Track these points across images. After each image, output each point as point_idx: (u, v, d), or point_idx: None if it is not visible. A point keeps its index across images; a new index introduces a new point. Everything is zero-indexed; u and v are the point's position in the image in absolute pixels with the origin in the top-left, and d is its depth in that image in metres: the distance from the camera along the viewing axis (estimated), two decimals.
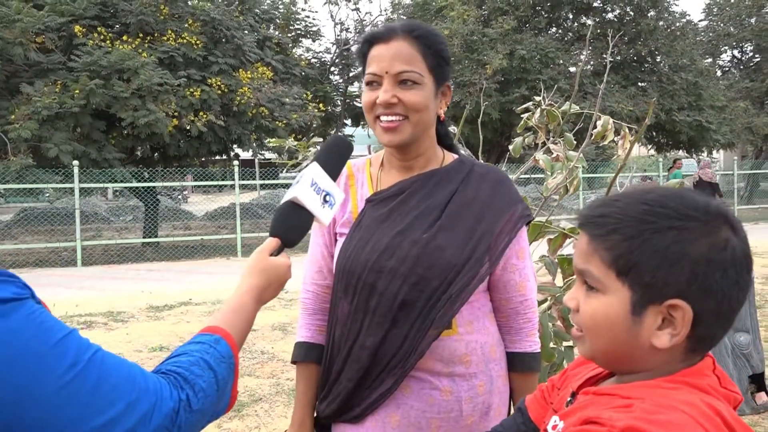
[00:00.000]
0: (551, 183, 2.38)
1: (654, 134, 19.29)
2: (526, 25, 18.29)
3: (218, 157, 16.70)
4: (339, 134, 1.37)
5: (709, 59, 24.65)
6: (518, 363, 1.43)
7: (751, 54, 25.55)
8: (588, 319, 0.82)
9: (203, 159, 15.88)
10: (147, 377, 0.80)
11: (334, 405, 1.39)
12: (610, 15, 19.08)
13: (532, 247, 1.87)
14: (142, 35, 12.54)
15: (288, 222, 1.11)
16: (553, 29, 19.67)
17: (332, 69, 20.38)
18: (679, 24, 19.57)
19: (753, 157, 24.31)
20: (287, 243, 1.11)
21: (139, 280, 9.93)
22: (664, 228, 0.76)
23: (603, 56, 17.50)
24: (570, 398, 0.91)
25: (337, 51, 20.20)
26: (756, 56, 25.14)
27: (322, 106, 16.23)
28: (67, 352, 0.73)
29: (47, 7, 11.93)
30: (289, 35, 17.51)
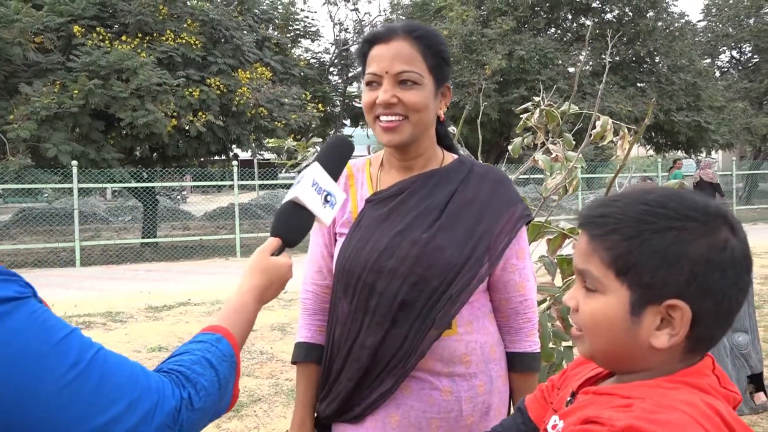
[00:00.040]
0: (550, 183, 2.38)
1: (653, 135, 19.30)
2: (525, 26, 18.30)
3: (217, 158, 16.69)
4: (340, 134, 1.37)
5: (708, 60, 24.66)
6: (518, 363, 1.43)
7: (750, 54, 25.57)
8: (587, 319, 0.82)
9: (202, 159, 15.86)
10: (149, 376, 0.80)
11: (334, 405, 1.39)
12: (609, 15, 19.09)
13: (532, 248, 1.88)
14: (141, 35, 12.53)
15: (289, 222, 1.11)
16: (552, 30, 19.68)
17: (331, 69, 20.38)
18: (678, 24, 19.59)
19: (751, 158, 24.32)
20: (288, 243, 1.11)
21: (138, 281, 9.92)
22: (664, 228, 0.76)
23: (602, 57, 17.51)
24: (570, 398, 0.91)
25: (336, 51, 20.20)
26: (754, 57, 25.16)
27: (321, 107, 16.23)
28: (69, 351, 0.73)
29: (46, 7, 11.92)
30: (288, 35, 17.50)
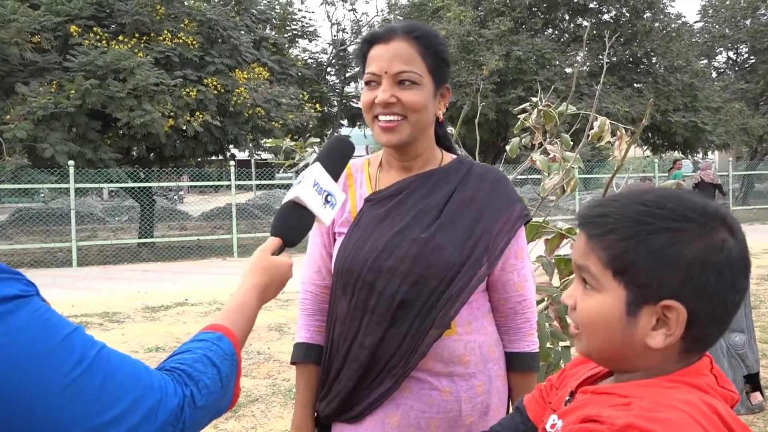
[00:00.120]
0: (548, 183, 2.38)
1: (650, 135, 19.32)
2: (523, 26, 18.31)
3: (214, 158, 16.68)
4: (341, 135, 1.37)
5: (705, 60, 24.69)
6: (517, 363, 1.43)
7: (746, 55, 25.62)
8: (584, 317, 0.83)
9: (199, 159, 15.84)
10: (151, 374, 0.80)
11: (334, 404, 1.39)
12: (606, 16, 19.11)
13: (529, 248, 1.88)
14: (138, 35, 12.51)
15: (289, 222, 1.11)
16: (550, 30, 19.70)
17: (329, 69, 20.36)
18: (675, 25, 19.62)
19: (748, 158, 24.37)
20: (288, 243, 1.11)
21: (135, 281, 9.90)
22: (660, 229, 0.76)
23: (599, 57, 17.53)
24: (568, 397, 0.91)
25: (334, 51, 20.19)
26: (751, 58, 25.21)
27: (319, 107, 16.22)
28: (73, 349, 0.73)
29: (43, 7, 11.90)
30: (286, 35, 17.49)
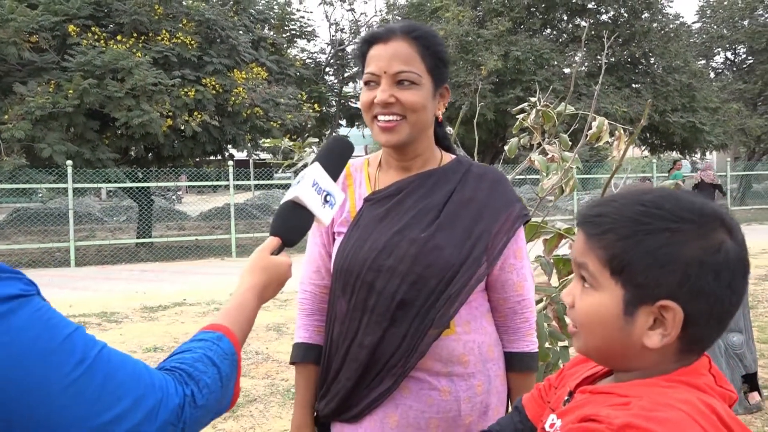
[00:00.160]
0: (547, 184, 2.39)
1: (648, 135, 19.34)
2: (521, 27, 18.33)
3: (213, 158, 16.67)
4: (340, 135, 1.37)
5: (703, 61, 24.74)
6: (516, 363, 1.43)
7: (744, 56, 25.67)
8: (582, 316, 0.83)
9: (197, 159, 15.84)
10: (152, 373, 0.80)
11: (333, 404, 1.39)
12: (605, 17, 19.12)
13: (528, 248, 1.88)
14: (137, 35, 12.50)
15: (289, 221, 1.12)
16: (548, 30, 19.72)
17: (327, 69, 20.36)
18: (673, 26, 19.65)
19: (746, 159, 24.42)
20: (287, 242, 1.11)
21: (133, 281, 9.89)
22: (658, 229, 0.76)
23: (597, 58, 17.55)
24: (567, 397, 0.92)
25: (332, 51, 20.19)
26: (749, 58, 25.25)
27: (317, 107, 16.22)
28: (75, 349, 0.73)
29: (41, 7, 11.89)
30: (284, 35, 17.48)
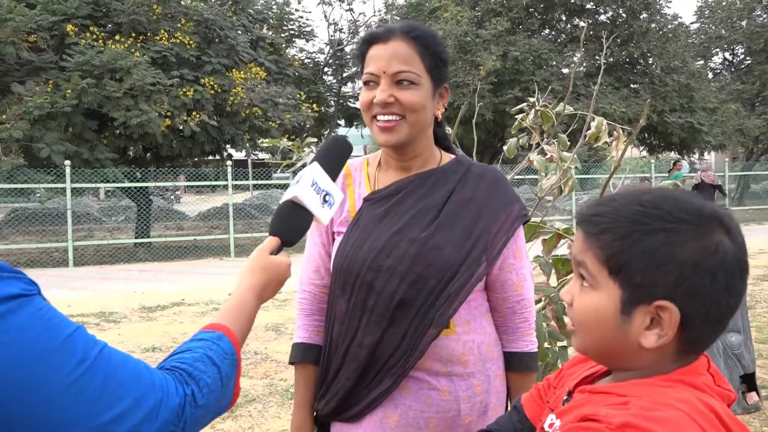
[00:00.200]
0: (545, 184, 2.39)
1: (646, 136, 19.37)
2: (520, 27, 18.33)
3: (211, 158, 16.66)
4: (339, 135, 1.36)
5: (701, 61, 24.78)
6: (515, 362, 1.43)
7: (742, 56, 25.71)
8: (580, 315, 0.83)
9: (196, 159, 15.83)
10: (153, 373, 0.80)
11: (333, 403, 1.39)
12: (603, 17, 19.14)
13: (527, 248, 1.88)
14: (135, 35, 12.50)
15: (288, 221, 1.12)
16: (546, 31, 19.73)
17: (326, 69, 20.37)
18: (671, 26, 19.67)
19: (744, 159, 24.45)
20: (287, 242, 1.11)
21: (132, 281, 9.88)
22: (655, 230, 0.76)
23: (596, 58, 17.57)
24: (566, 397, 0.92)
25: (331, 51, 20.19)
26: (747, 59, 25.29)
27: (316, 107, 16.22)
28: (76, 349, 0.73)
29: (39, 6, 11.87)
30: (283, 35, 17.48)
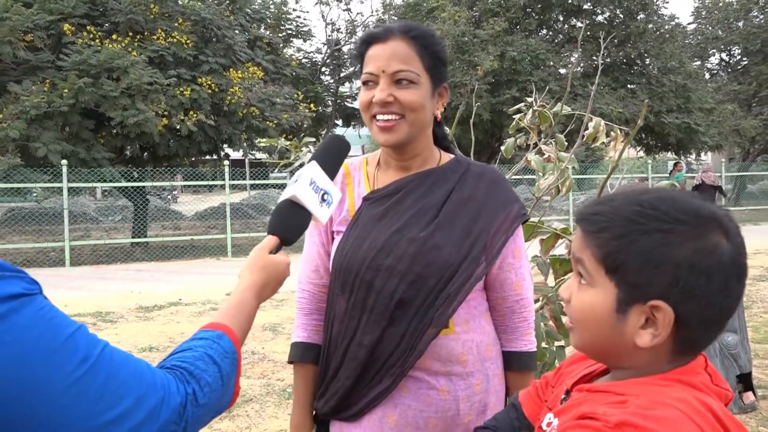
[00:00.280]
0: (543, 184, 2.39)
1: (643, 136, 19.40)
2: (517, 27, 18.35)
3: (208, 157, 16.64)
4: (337, 134, 1.36)
5: (698, 62, 24.84)
6: (514, 362, 1.43)
7: (739, 57, 25.78)
8: (577, 312, 0.84)
9: (193, 159, 15.82)
10: (154, 372, 0.80)
11: (332, 402, 1.39)
12: (600, 17, 19.17)
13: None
14: (132, 34, 12.47)
15: (286, 220, 1.12)
16: (544, 31, 19.76)
17: (323, 69, 20.38)
18: (668, 27, 19.72)
19: (740, 159, 24.49)
20: (286, 241, 1.11)
21: (128, 281, 9.87)
22: (652, 230, 0.76)
23: (593, 58, 17.59)
24: (564, 396, 0.92)
25: (328, 51, 20.19)
26: (744, 59, 25.36)
27: (313, 107, 16.21)
28: (77, 348, 0.73)
29: (36, 5, 11.85)
30: (280, 35, 17.47)
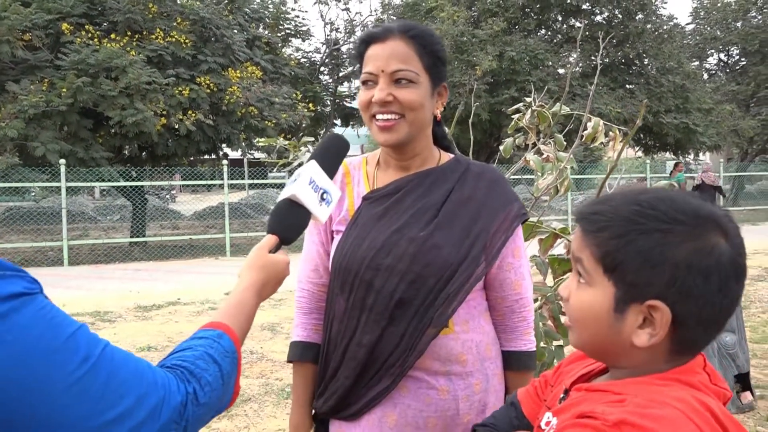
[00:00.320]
0: (542, 183, 2.39)
1: (641, 136, 19.42)
2: (516, 27, 18.36)
3: (207, 157, 16.65)
4: (336, 133, 1.36)
5: (696, 62, 24.85)
6: (514, 361, 1.43)
7: (737, 57, 25.82)
8: (576, 310, 0.84)
9: (192, 158, 15.80)
10: (155, 371, 0.80)
11: (331, 402, 1.39)
12: (599, 18, 19.18)
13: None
14: (131, 33, 12.46)
15: (286, 219, 1.12)
16: (542, 31, 19.77)
17: (322, 69, 20.36)
18: (667, 27, 19.74)
19: (738, 160, 24.53)
20: (285, 240, 1.11)
21: (127, 280, 9.86)
22: (651, 230, 0.76)
23: (592, 58, 17.60)
24: (563, 395, 0.92)
25: (327, 51, 20.18)
26: (742, 60, 25.40)
27: (312, 106, 16.20)
28: (78, 348, 0.73)
29: (34, 5, 11.84)
30: (279, 35, 17.47)
